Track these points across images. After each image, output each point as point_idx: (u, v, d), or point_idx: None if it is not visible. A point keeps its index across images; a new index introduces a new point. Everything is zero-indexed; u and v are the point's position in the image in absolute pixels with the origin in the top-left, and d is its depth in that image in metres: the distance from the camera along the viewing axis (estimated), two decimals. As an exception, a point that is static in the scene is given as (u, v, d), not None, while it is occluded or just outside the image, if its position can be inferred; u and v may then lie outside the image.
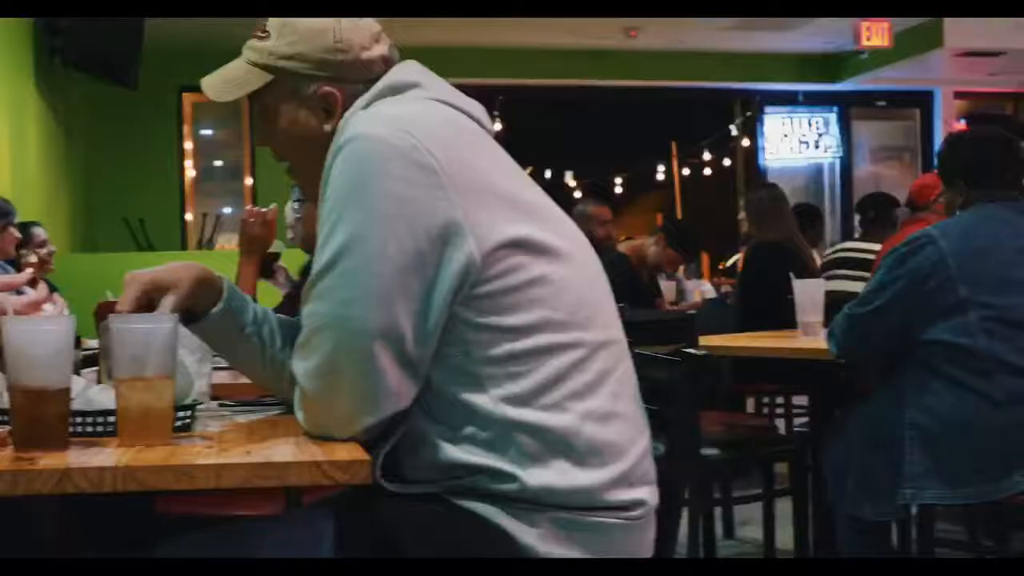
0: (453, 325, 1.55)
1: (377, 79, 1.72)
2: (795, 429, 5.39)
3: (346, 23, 1.73)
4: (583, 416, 1.56)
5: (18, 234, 4.76)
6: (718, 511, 4.29)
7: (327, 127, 1.71)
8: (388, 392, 1.53)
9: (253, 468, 1.39)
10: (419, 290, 1.52)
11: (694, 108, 12.71)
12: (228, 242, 9.72)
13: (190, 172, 10.40)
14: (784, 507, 3.86)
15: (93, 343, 2.41)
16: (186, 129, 10.34)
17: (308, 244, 3.66)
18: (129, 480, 1.36)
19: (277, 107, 1.75)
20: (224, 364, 2.11)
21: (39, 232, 5.25)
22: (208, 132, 10.73)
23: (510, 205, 1.59)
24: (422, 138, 1.55)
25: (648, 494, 1.63)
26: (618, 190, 14.21)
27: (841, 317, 2.94)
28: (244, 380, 2.28)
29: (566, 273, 1.61)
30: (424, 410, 1.58)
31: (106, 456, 1.43)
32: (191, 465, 1.38)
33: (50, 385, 1.47)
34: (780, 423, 5.56)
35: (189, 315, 1.70)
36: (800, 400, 5.64)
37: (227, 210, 10.27)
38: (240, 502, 2.62)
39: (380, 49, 1.75)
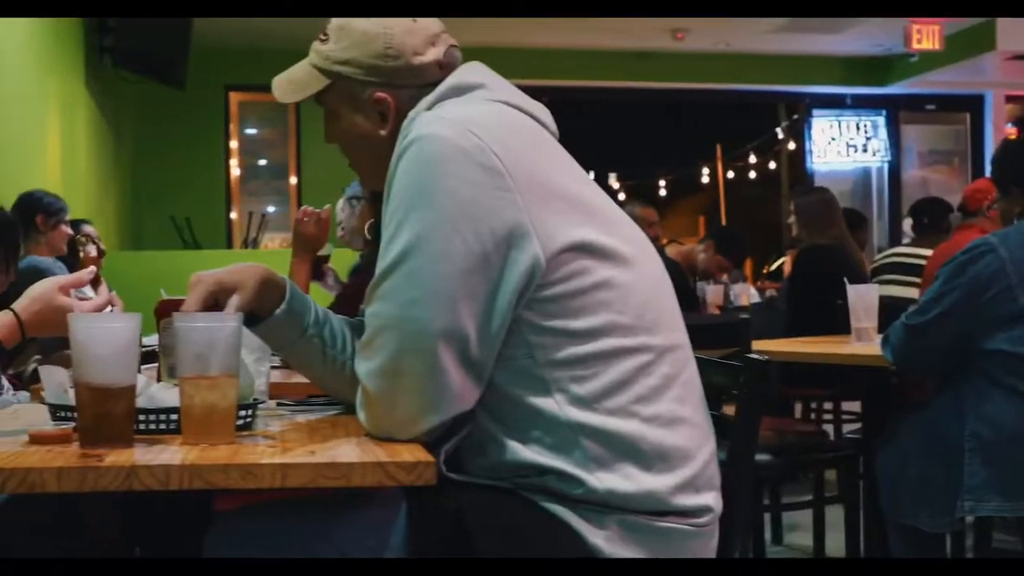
0: (518, 328, 1.54)
1: (433, 83, 1.71)
2: (846, 436, 5.33)
3: (400, 28, 1.72)
4: (649, 420, 1.55)
5: (69, 231, 4.79)
6: (766, 517, 4.25)
7: (383, 131, 1.72)
8: (451, 393, 1.52)
9: (318, 468, 1.39)
10: (483, 292, 1.51)
11: (740, 111, 12.65)
12: (272, 241, 9.78)
13: (235, 171, 10.45)
14: (833, 514, 3.83)
15: (148, 340, 2.43)
16: (232, 128, 10.39)
17: (361, 242, 3.66)
18: (195, 478, 1.36)
19: (337, 110, 1.77)
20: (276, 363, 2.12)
21: (89, 230, 5.28)
22: (254, 131, 10.78)
23: (574, 208, 1.58)
24: (487, 139, 1.54)
25: (713, 500, 1.62)
26: (662, 192, 14.19)
27: (898, 326, 2.90)
28: (296, 379, 2.29)
29: (631, 277, 1.60)
30: (489, 412, 1.57)
31: (171, 454, 1.43)
32: (256, 464, 1.37)
33: (116, 382, 1.48)
34: (826, 428, 5.51)
35: (252, 316, 1.70)
36: (849, 406, 5.59)
37: (271, 209, 10.31)
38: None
39: (435, 53, 1.74)
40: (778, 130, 12.48)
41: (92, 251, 2.04)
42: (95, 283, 1.82)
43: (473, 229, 1.51)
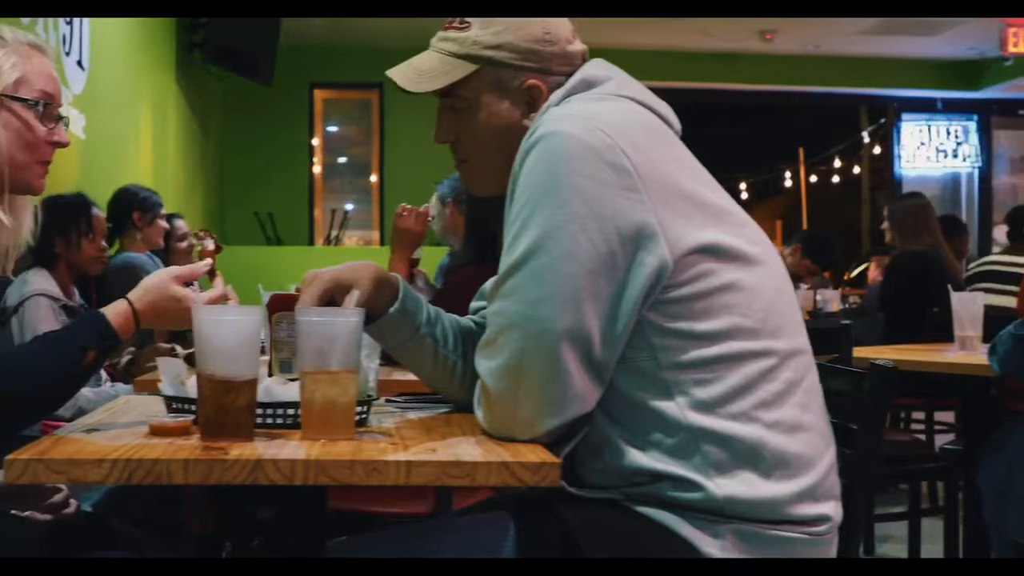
0: (641, 329, 1.52)
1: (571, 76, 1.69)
2: (945, 447, 5.24)
3: (549, 17, 1.71)
4: (771, 426, 1.52)
5: (166, 224, 4.85)
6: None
7: (526, 121, 1.68)
8: (573, 395, 1.50)
9: (442, 466, 1.37)
10: (609, 293, 1.49)
11: (826, 113, 12.49)
12: (350, 239, 9.84)
13: (318, 168, 10.53)
14: (927, 527, 3.75)
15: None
16: (316, 125, 10.46)
17: (456, 241, 3.66)
18: (320, 474, 1.36)
19: (478, 99, 1.70)
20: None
21: (180, 224, 5.34)
22: (337, 129, 10.85)
23: (701, 209, 1.56)
24: (617, 138, 1.52)
25: (833, 509, 1.58)
26: (743, 195, 14.05)
27: (1007, 336, 2.82)
28: (395, 376, 2.29)
29: (756, 279, 1.56)
30: (608, 414, 1.54)
31: (294, 449, 1.42)
32: (382, 461, 1.36)
33: (239, 375, 1.47)
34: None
35: (366, 314, 1.69)
36: (942, 416, 5.48)
37: (349, 206, 10.36)
38: (392, 499, 2.62)
39: (580, 45, 1.73)
40: (864, 134, 12.30)
41: (210, 245, 2.08)
42: (211, 276, 1.82)
43: (600, 229, 1.48)
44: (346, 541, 1.59)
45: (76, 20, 4.76)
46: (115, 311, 1.70)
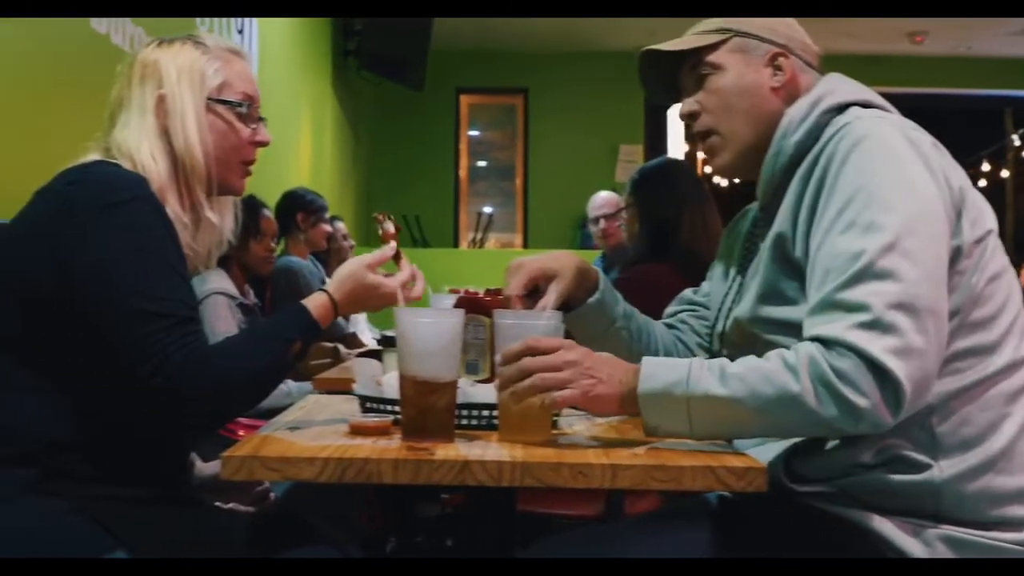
0: None
1: (811, 68, 1.74)
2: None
3: None
4: (1003, 418, 1.51)
5: (329, 228, 4.95)
6: None
7: (773, 82, 1.71)
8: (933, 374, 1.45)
9: (647, 470, 1.38)
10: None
11: (970, 116, 12.13)
12: (490, 241, 9.92)
13: (463, 172, 10.64)
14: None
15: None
16: (461, 130, 10.58)
17: (618, 247, 3.67)
18: (527, 476, 1.38)
19: (724, 62, 1.73)
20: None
21: (341, 226, 5.45)
22: (482, 133, 10.95)
23: (971, 200, 1.56)
24: (921, 135, 1.55)
25: None
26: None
27: None
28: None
29: (1012, 277, 1.57)
30: None
31: (497, 450, 1.45)
32: (587, 464, 1.38)
33: (440, 377, 1.51)
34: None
35: (564, 305, 1.73)
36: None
37: (487, 209, 10.43)
38: (563, 500, 2.64)
39: (816, 46, 1.77)
40: (1014, 136, 11.90)
41: (390, 228, 2.11)
42: (396, 259, 1.86)
43: (947, 212, 1.50)
44: (544, 543, 1.61)
45: (246, 29, 4.91)
46: (315, 303, 1.75)
